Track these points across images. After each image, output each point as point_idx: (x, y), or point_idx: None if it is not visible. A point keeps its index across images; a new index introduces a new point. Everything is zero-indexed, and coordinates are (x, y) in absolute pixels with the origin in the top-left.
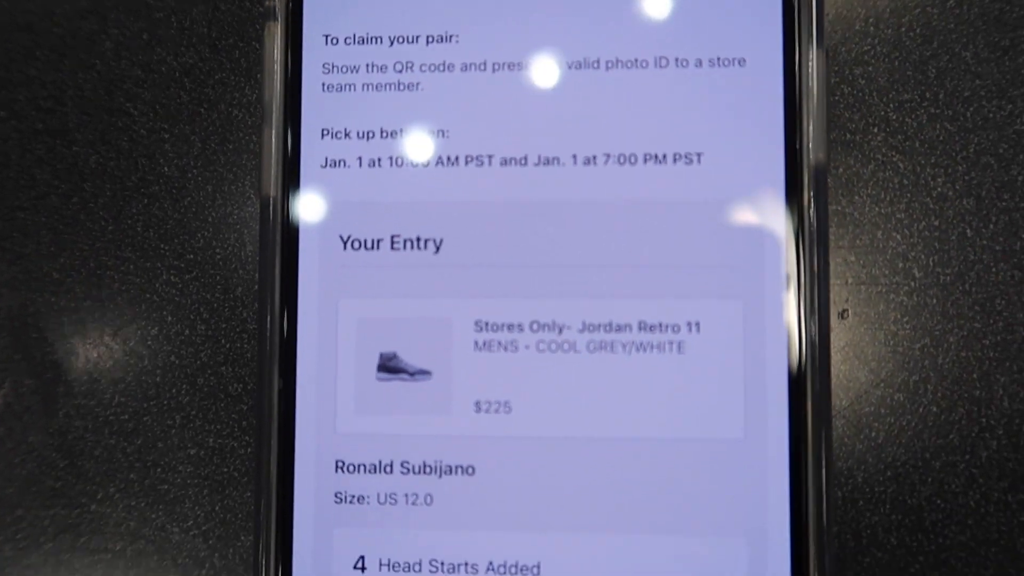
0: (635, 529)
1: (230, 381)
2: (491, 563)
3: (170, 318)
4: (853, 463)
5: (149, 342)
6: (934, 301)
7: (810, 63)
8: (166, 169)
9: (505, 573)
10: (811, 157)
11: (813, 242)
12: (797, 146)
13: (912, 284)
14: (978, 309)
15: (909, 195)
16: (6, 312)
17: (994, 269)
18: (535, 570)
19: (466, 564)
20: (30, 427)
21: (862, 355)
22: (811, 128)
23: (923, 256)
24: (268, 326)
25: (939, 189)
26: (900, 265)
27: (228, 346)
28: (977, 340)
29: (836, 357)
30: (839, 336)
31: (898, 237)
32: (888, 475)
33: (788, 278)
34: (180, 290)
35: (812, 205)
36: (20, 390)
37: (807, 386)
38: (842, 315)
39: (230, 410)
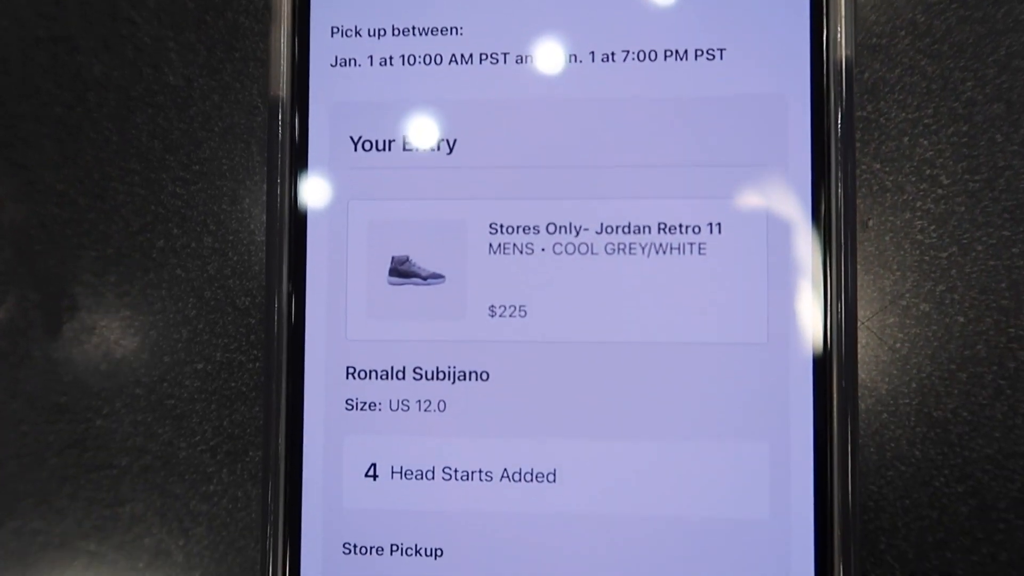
0: (654, 435)
1: (238, 294)
2: (506, 470)
3: (176, 230)
4: (877, 374)
5: (155, 255)
6: (962, 209)
7: None
8: (171, 78)
9: (520, 480)
10: (838, 56)
11: (838, 144)
12: (824, 46)
13: (939, 192)
14: (1007, 216)
15: (937, 100)
16: (9, 224)
17: None
18: (551, 477)
19: (480, 471)
20: (34, 342)
21: (887, 264)
22: (839, 28)
23: (951, 163)
24: (277, 230)
25: (968, 94)
26: (927, 172)
27: (236, 259)
28: (1006, 248)
29: (860, 267)
30: (864, 246)
31: (925, 143)
32: (913, 387)
33: (812, 180)
34: (186, 201)
35: (838, 107)
36: (24, 304)
37: (831, 291)
38: (866, 224)
39: (238, 324)
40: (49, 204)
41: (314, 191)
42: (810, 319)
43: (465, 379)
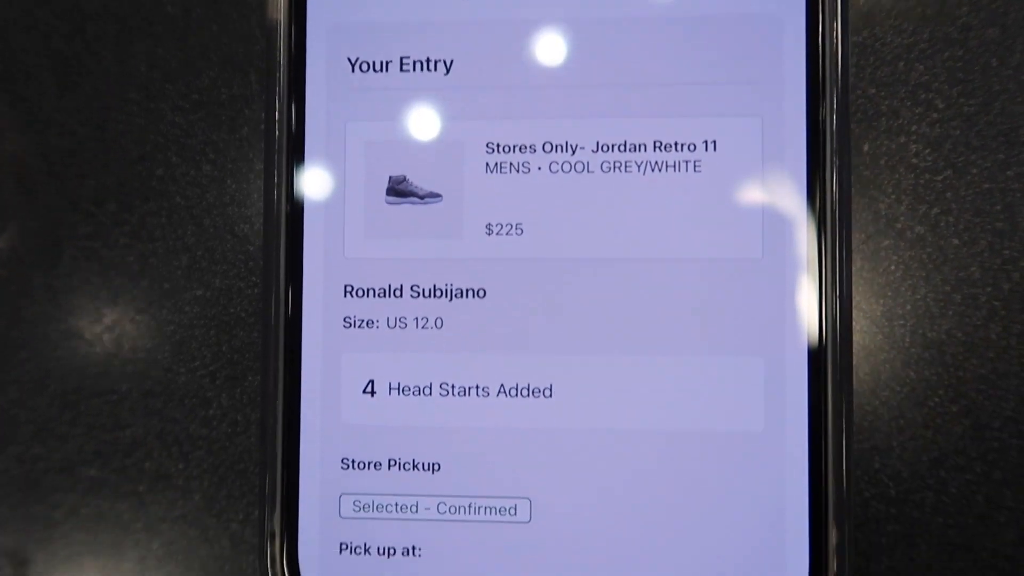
0: (649, 350)
1: (236, 221)
2: (503, 386)
3: (175, 159)
4: (872, 296)
5: (154, 183)
6: (957, 132)
7: None
8: (169, 8)
9: (517, 395)
10: None
11: (833, 67)
12: None
13: (934, 116)
14: (1002, 140)
15: (932, 25)
16: (10, 155)
17: (1019, 99)
18: (547, 392)
19: (477, 387)
20: (35, 270)
21: (882, 187)
22: None
23: (946, 87)
24: (274, 152)
25: (963, 19)
26: (922, 96)
27: (234, 186)
28: (1001, 171)
29: (855, 191)
30: (859, 170)
31: (920, 68)
32: (907, 308)
33: (808, 95)
34: (185, 131)
35: (833, 30)
36: (25, 233)
37: (827, 208)
38: (859, 147)
39: (237, 250)
40: (49, 135)
41: (312, 113)
42: (805, 235)
43: (462, 296)
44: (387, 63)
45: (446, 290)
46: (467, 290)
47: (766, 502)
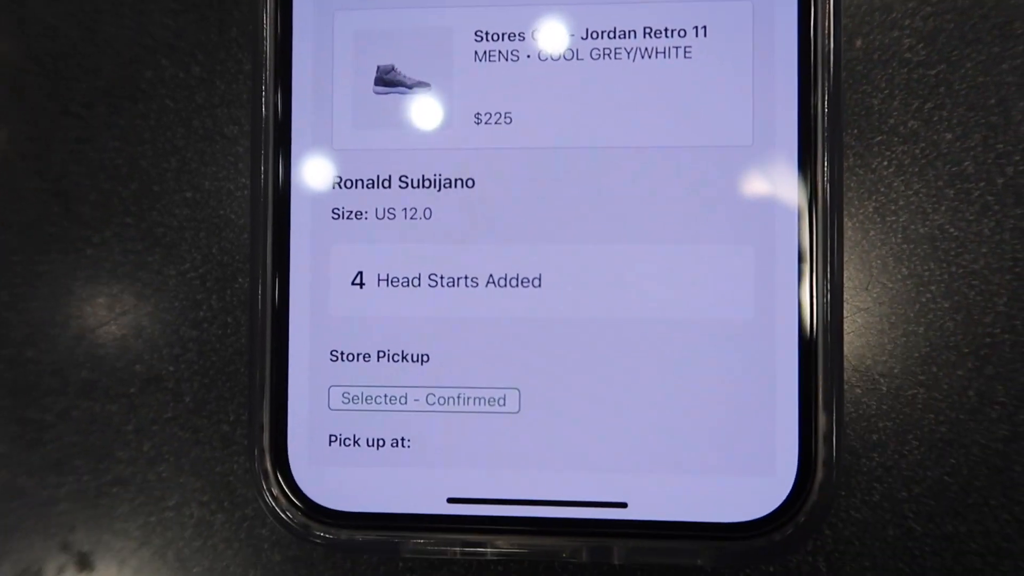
0: (639, 239)
1: (225, 123)
2: (491, 276)
3: (164, 61)
4: (864, 192)
5: (143, 86)
6: (951, 26)
7: None
8: None
9: (506, 285)
10: None
11: None
12: None
13: (928, 9)
14: (997, 33)
15: None
16: (1, 56)
17: None
18: (536, 282)
19: (466, 277)
20: (25, 174)
21: (874, 81)
22: None
23: None
24: (261, 41)
25: None
26: None
27: (223, 87)
28: (995, 64)
29: (847, 86)
30: (851, 64)
31: None
32: (900, 203)
33: None
34: (175, 32)
35: None
36: (14, 136)
37: (817, 95)
38: (852, 41)
39: (226, 152)
40: (40, 38)
41: (300, 2)
42: (794, 122)
43: (451, 186)
44: None
45: (435, 180)
46: (456, 180)
47: (756, 390)
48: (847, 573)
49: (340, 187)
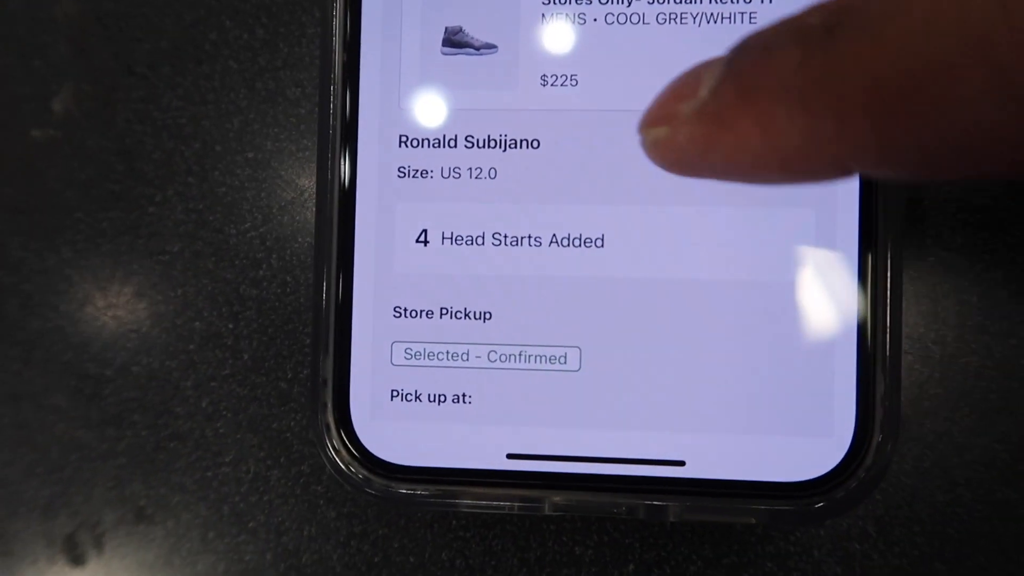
0: (701, 201)
1: (288, 84)
2: (555, 235)
3: (228, 23)
4: None
5: (207, 47)
6: None
7: None
8: None
9: (569, 245)
10: None
11: None
12: None
13: None
14: None
15: None
16: (66, 18)
17: None
18: (599, 242)
19: (530, 237)
20: (89, 132)
21: None
22: None
23: None
24: (332, 3)
25: None
26: None
27: (287, 50)
28: None
29: None
30: None
31: None
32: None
33: None
34: None
35: None
36: (79, 95)
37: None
38: None
39: (288, 113)
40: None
41: None
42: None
43: (516, 147)
44: None
45: (500, 140)
46: (521, 140)
47: (816, 352)
48: (896, 537)
49: (406, 146)
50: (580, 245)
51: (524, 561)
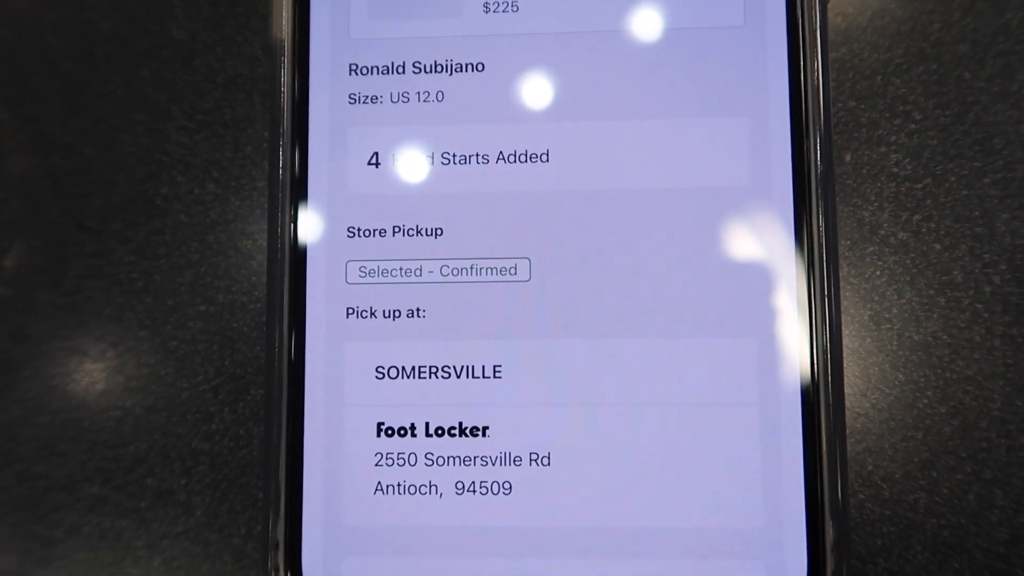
0: (640, 114)
1: (239, 237)
2: (501, 152)
3: (180, 178)
4: (859, 301)
5: (159, 201)
6: (934, 142)
7: None
8: (175, 33)
9: (515, 161)
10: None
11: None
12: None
13: (912, 127)
14: (977, 148)
15: (907, 41)
16: (17, 175)
17: (992, 109)
18: (544, 157)
19: (477, 155)
20: (40, 288)
21: (865, 196)
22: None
23: (922, 99)
24: None
25: (936, 35)
26: (900, 108)
27: (237, 203)
28: (978, 179)
29: (839, 198)
30: (842, 179)
31: (897, 82)
32: (894, 312)
33: None
34: (190, 150)
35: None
36: (30, 251)
37: None
38: (841, 156)
39: (239, 266)
40: (55, 156)
41: None
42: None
43: (462, 71)
44: None
45: (446, 65)
46: (466, 64)
47: (753, 253)
48: None
49: (356, 74)
50: (526, 161)
51: None
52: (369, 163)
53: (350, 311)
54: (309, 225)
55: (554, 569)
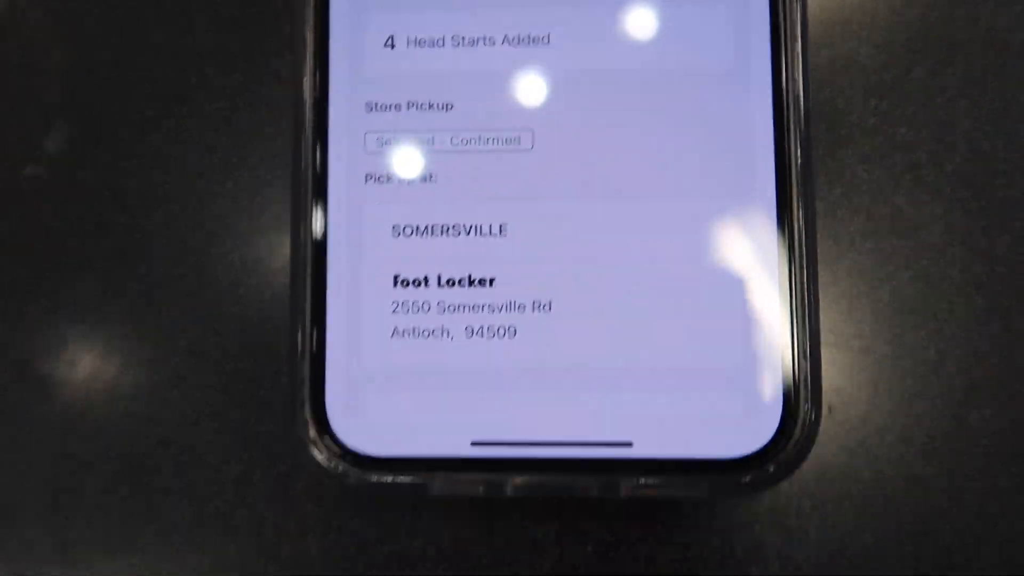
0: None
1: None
2: (506, 35)
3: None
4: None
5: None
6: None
7: None
8: None
9: (519, 44)
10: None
11: None
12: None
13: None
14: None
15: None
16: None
17: None
18: (546, 39)
19: (484, 37)
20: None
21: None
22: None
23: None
24: None
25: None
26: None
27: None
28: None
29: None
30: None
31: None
32: (864, 188)
33: None
34: (220, 44)
35: None
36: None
37: None
38: (818, 51)
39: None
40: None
41: None
42: None
43: None
44: None
45: None
46: None
47: (739, 131)
48: (829, 511)
49: None
50: (528, 43)
51: (490, 547)
52: (385, 45)
53: (368, 177)
54: (331, 101)
55: (553, 402)
